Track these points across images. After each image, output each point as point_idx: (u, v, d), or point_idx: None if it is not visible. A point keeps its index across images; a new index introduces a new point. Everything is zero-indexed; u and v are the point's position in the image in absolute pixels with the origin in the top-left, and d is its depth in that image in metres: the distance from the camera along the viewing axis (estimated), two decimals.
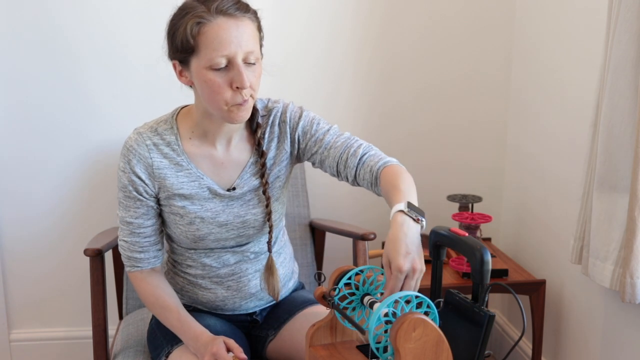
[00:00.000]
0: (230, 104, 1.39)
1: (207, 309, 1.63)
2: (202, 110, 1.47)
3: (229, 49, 1.35)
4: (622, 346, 1.80)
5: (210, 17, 1.34)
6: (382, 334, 1.14)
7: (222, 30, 1.34)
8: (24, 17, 2.17)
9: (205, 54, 1.35)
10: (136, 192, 1.49)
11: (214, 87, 1.37)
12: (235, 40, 1.35)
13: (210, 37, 1.34)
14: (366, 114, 2.41)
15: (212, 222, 1.52)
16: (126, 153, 1.50)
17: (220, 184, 1.53)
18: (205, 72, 1.37)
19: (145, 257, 1.54)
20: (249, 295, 1.61)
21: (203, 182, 1.51)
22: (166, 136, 1.51)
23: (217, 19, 1.35)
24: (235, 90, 1.38)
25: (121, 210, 1.53)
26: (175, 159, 1.50)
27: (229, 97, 1.38)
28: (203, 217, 1.51)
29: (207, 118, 1.48)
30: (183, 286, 1.62)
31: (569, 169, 2.03)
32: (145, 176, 1.49)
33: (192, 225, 1.52)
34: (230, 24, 1.35)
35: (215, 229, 1.53)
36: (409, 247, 1.20)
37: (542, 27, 2.21)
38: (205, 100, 1.42)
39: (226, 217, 1.53)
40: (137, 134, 1.51)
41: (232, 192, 1.53)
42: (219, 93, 1.38)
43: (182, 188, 1.50)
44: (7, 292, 2.37)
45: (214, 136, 1.51)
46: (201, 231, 1.52)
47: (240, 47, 1.35)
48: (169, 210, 1.53)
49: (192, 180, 1.51)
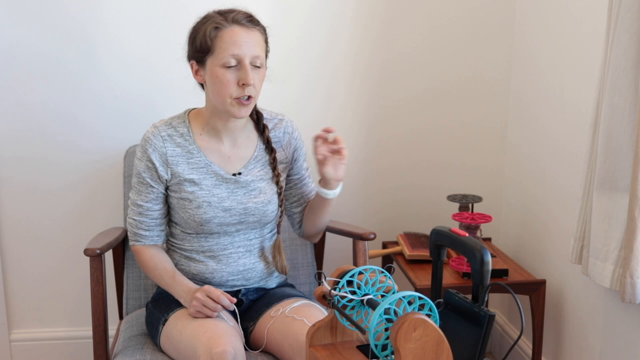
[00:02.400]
0: (234, 97, 1.64)
1: (196, 281, 1.77)
2: (211, 109, 1.73)
3: (239, 51, 1.63)
4: (622, 346, 1.80)
5: (227, 24, 1.64)
6: (382, 332, 1.14)
7: (235, 35, 1.63)
8: (26, 17, 2.18)
9: (219, 53, 1.63)
10: (150, 179, 1.73)
11: (223, 81, 1.63)
12: (245, 45, 1.63)
13: (225, 40, 1.63)
14: (366, 114, 2.41)
15: (218, 207, 1.73)
16: (144, 143, 1.74)
17: (226, 170, 1.75)
18: (218, 69, 1.64)
19: (150, 235, 1.77)
20: (237, 272, 1.78)
21: (211, 169, 1.74)
22: (179, 129, 1.75)
23: (232, 26, 1.64)
24: (241, 86, 1.64)
25: (133, 193, 1.77)
26: (187, 148, 1.74)
27: (234, 92, 1.64)
28: (210, 201, 1.72)
29: (215, 115, 1.73)
30: (178, 261, 1.81)
31: (569, 169, 2.03)
32: (160, 163, 1.72)
33: (199, 209, 1.72)
34: (242, 31, 1.64)
35: (220, 213, 1.73)
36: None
37: (541, 28, 2.21)
38: (214, 95, 1.67)
39: (230, 203, 1.74)
40: (153, 128, 1.75)
41: (237, 176, 1.75)
42: (227, 87, 1.64)
43: (192, 174, 1.73)
44: (7, 292, 2.37)
45: (222, 133, 1.75)
46: (207, 214, 1.72)
47: (248, 51, 1.64)
48: (179, 195, 1.74)
49: (200, 167, 1.74)
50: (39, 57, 2.21)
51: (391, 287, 1.27)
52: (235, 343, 1.55)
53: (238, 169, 1.77)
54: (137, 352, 1.71)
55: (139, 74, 2.26)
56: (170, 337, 1.67)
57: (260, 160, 1.79)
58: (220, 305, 1.64)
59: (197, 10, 1.73)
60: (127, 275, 2.04)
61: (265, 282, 1.84)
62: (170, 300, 1.75)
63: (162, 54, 2.25)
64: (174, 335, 1.65)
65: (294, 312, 1.69)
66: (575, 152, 1.97)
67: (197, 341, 1.56)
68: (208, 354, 1.51)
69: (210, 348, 1.51)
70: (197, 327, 1.60)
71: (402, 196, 2.47)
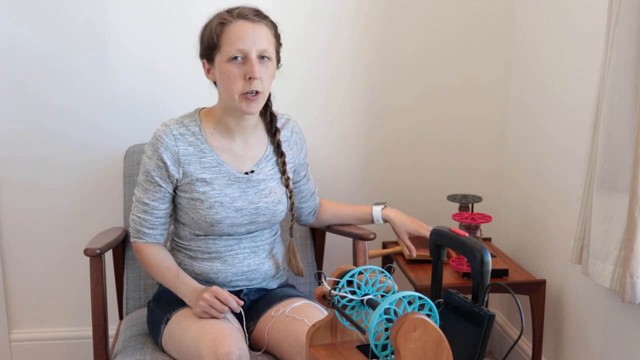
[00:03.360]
0: (241, 92, 1.63)
1: (200, 281, 1.77)
2: (224, 108, 1.72)
3: (244, 45, 1.62)
4: (622, 346, 1.80)
5: (232, 19, 1.64)
6: (382, 332, 1.14)
7: (240, 29, 1.63)
8: (27, 16, 2.18)
9: (225, 48, 1.63)
10: (159, 178, 1.71)
11: (230, 76, 1.63)
12: (250, 39, 1.62)
13: (230, 34, 1.63)
14: (365, 114, 2.41)
15: (230, 207, 1.72)
16: (154, 142, 1.71)
17: (238, 169, 1.75)
18: (224, 64, 1.63)
19: (153, 233, 1.76)
20: (241, 273, 1.78)
21: (223, 169, 1.73)
22: (191, 127, 1.73)
23: (238, 21, 1.64)
24: (248, 80, 1.62)
25: (139, 191, 1.75)
26: (200, 146, 1.72)
27: (241, 87, 1.63)
28: (222, 201, 1.72)
29: (227, 114, 1.72)
30: (182, 260, 1.79)
31: (569, 169, 2.03)
32: (171, 162, 1.70)
33: (211, 209, 1.71)
34: (247, 26, 1.64)
35: (232, 214, 1.72)
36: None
37: (541, 28, 2.21)
38: (223, 92, 1.67)
39: (242, 203, 1.73)
40: (164, 126, 1.73)
41: (250, 175, 1.75)
42: (234, 82, 1.63)
43: (204, 173, 1.72)
44: (7, 292, 2.37)
45: (234, 132, 1.74)
46: (219, 215, 1.71)
47: (254, 45, 1.63)
48: (189, 196, 1.72)
49: (213, 166, 1.73)
50: (39, 57, 2.21)
51: (391, 287, 1.27)
52: (240, 344, 1.55)
53: (250, 168, 1.76)
54: (137, 352, 1.71)
55: (140, 73, 2.26)
56: (173, 337, 1.66)
57: (270, 159, 1.80)
58: (227, 307, 1.63)
59: (200, 10, 1.73)
60: (127, 275, 2.04)
61: (267, 283, 1.84)
62: (172, 299, 1.74)
63: (164, 54, 2.25)
64: (177, 334, 1.65)
65: (294, 312, 1.69)
66: (575, 152, 1.97)
67: (201, 341, 1.55)
68: (213, 355, 1.50)
69: (215, 349, 1.50)
70: (202, 328, 1.59)
71: (402, 196, 2.46)
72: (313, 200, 1.98)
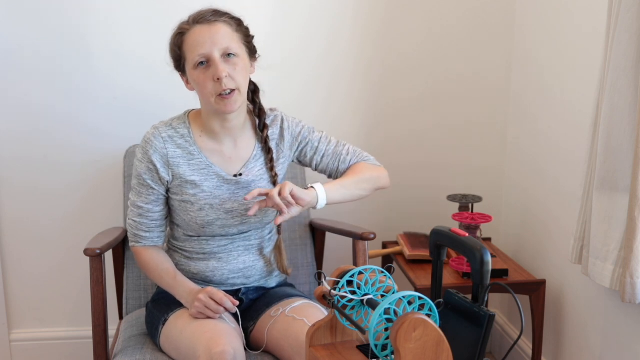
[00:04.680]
0: (214, 94, 1.63)
1: (197, 280, 1.78)
2: (206, 112, 1.72)
3: (204, 49, 1.62)
4: (622, 346, 1.80)
5: (189, 27, 1.65)
6: (382, 332, 1.14)
7: (198, 35, 1.63)
8: (25, 17, 2.18)
9: (189, 56, 1.65)
10: (151, 181, 1.71)
11: (199, 82, 1.64)
12: (209, 41, 1.62)
13: (190, 42, 1.64)
14: (366, 114, 2.41)
15: (220, 209, 1.72)
16: (144, 145, 1.72)
17: (227, 171, 1.74)
18: (193, 72, 1.65)
19: (150, 236, 1.76)
20: (237, 270, 1.78)
21: (212, 170, 1.73)
22: (180, 130, 1.73)
23: (195, 27, 1.64)
24: (216, 81, 1.62)
25: (134, 195, 1.75)
26: (188, 149, 1.72)
27: (212, 89, 1.63)
28: (212, 204, 1.72)
29: (211, 118, 1.71)
30: (179, 261, 1.80)
31: (569, 169, 2.03)
32: (161, 165, 1.70)
33: (202, 211, 1.72)
34: (204, 29, 1.63)
35: (223, 215, 1.73)
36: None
37: (541, 28, 2.21)
38: (201, 98, 1.69)
39: (232, 205, 1.73)
40: (154, 129, 1.73)
41: (238, 177, 1.74)
42: (205, 87, 1.63)
43: (193, 175, 1.72)
44: (7, 292, 2.37)
45: (221, 135, 1.73)
46: (210, 217, 1.72)
47: (215, 45, 1.62)
48: (181, 198, 1.73)
49: (202, 168, 1.72)
50: (39, 57, 2.21)
51: (391, 287, 1.27)
52: (235, 343, 1.55)
53: (239, 170, 1.75)
54: (137, 352, 1.71)
55: (140, 74, 2.26)
56: (170, 337, 1.67)
57: (259, 159, 1.78)
58: (222, 307, 1.64)
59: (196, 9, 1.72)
60: (127, 275, 2.04)
61: (265, 281, 1.84)
62: (170, 300, 1.75)
63: (162, 54, 2.23)
64: (174, 335, 1.66)
65: (294, 312, 1.69)
66: (575, 152, 1.97)
67: (197, 341, 1.56)
68: (208, 354, 1.51)
69: (210, 348, 1.51)
70: (197, 327, 1.60)
71: (402, 196, 2.46)
72: (357, 157, 1.83)
